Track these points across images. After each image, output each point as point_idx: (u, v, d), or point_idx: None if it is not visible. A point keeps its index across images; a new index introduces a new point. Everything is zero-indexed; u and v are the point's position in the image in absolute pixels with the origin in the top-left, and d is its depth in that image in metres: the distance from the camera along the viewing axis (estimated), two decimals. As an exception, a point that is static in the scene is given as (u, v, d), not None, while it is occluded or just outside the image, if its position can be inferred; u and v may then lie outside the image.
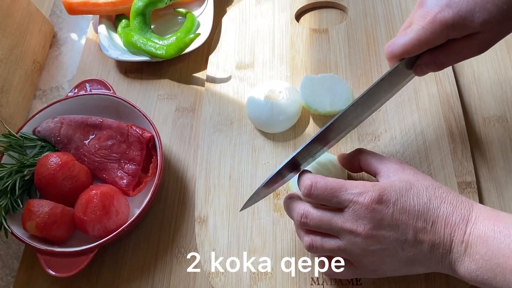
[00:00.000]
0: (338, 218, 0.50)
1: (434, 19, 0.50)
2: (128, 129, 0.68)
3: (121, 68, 0.83)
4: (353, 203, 0.49)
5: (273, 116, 0.67)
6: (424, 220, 0.48)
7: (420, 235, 0.48)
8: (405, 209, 0.49)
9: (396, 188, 0.50)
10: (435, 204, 0.49)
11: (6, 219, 0.63)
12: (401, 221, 0.48)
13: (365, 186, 0.50)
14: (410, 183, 0.50)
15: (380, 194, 0.49)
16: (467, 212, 0.48)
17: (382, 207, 0.49)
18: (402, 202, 0.49)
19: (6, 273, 0.69)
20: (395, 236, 0.48)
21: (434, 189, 0.50)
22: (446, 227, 0.48)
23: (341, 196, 0.50)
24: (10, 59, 0.78)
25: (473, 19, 0.49)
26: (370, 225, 0.49)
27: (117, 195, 0.64)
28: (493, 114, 0.68)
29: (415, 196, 0.49)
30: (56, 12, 0.94)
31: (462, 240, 0.47)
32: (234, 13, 0.83)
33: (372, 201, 0.49)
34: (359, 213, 0.49)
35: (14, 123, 0.76)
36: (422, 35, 0.51)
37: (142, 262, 0.65)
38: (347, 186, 0.50)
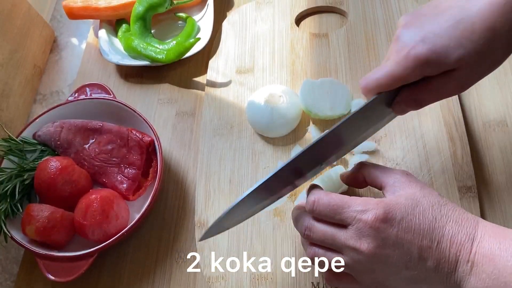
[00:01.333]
0: (342, 234, 0.49)
1: (408, 54, 0.49)
2: (128, 133, 0.68)
3: (121, 73, 0.83)
4: (356, 220, 0.48)
5: (273, 121, 0.67)
6: (430, 239, 0.47)
7: (425, 254, 0.47)
8: (410, 228, 0.47)
9: (402, 206, 0.48)
10: (441, 223, 0.47)
11: (5, 224, 0.63)
12: (406, 240, 0.47)
13: (369, 204, 0.48)
14: (416, 200, 0.49)
15: (385, 213, 0.47)
16: (473, 230, 0.47)
17: (386, 226, 0.47)
18: (407, 221, 0.47)
19: (6, 277, 0.68)
20: (400, 255, 0.47)
21: (440, 207, 0.49)
22: (451, 246, 0.46)
23: (344, 213, 0.49)
24: (10, 64, 0.78)
25: (447, 55, 0.47)
26: (374, 244, 0.47)
27: (117, 199, 0.64)
28: (493, 119, 0.68)
29: (421, 214, 0.48)
30: (57, 17, 0.95)
31: (468, 259, 0.45)
32: (234, 18, 0.83)
33: (376, 220, 0.47)
34: (362, 231, 0.48)
35: (14, 127, 0.76)
36: (396, 70, 0.50)
37: (142, 267, 0.65)
38: (350, 203, 0.49)
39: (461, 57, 0.47)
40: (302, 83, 0.70)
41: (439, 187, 0.63)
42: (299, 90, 0.70)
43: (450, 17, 0.48)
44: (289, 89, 0.71)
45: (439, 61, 0.48)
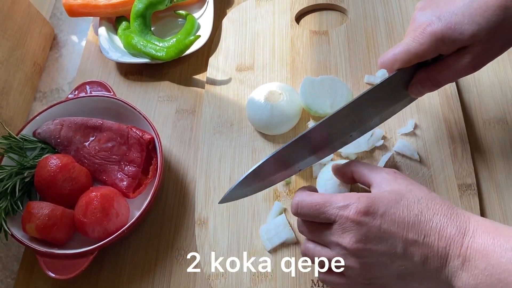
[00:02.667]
0: (327, 230, 0.50)
1: (424, 31, 0.51)
2: (128, 131, 0.68)
3: (121, 70, 0.83)
4: (339, 217, 0.48)
5: (273, 118, 0.67)
6: (415, 232, 0.47)
7: (411, 248, 0.47)
8: (394, 221, 0.47)
9: (385, 200, 0.48)
10: (427, 217, 0.47)
11: (6, 221, 0.63)
12: (389, 233, 0.47)
13: (351, 198, 0.49)
14: (401, 194, 0.49)
15: (366, 206, 0.48)
16: (464, 224, 0.46)
17: (368, 219, 0.47)
18: (390, 214, 0.47)
19: (6, 275, 0.69)
20: (384, 249, 0.47)
21: (427, 201, 0.48)
22: (440, 240, 0.46)
23: (326, 211, 0.49)
24: (10, 61, 0.78)
25: (462, 31, 0.49)
26: (356, 238, 0.47)
27: (117, 197, 0.64)
28: (493, 116, 0.68)
29: (405, 208, 0.48)
30: (57, 14, 0.94)
31: (459, 253, 0.45)
32: (234, 15, 0.83)
33: (357, 213, 0.48)
34: (344, 226, 0.48)
35: (14, 125, 0.76)
36: (412, 47, 0.52)
37: (142, 264, 0.65)
38: (331, 201, 0.50)
39: (475, 33, 0.49)
40: (302, 80, 0.70)
41: (439, 184, 0.63)
42: (299, 87, 0.70)
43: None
44: (289, 87, 0.71)
45: (453, 37, 0.50)
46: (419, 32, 0.51)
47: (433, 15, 0.51)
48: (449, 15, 0.50)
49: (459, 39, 0.50)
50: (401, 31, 0.76)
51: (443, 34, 0.50)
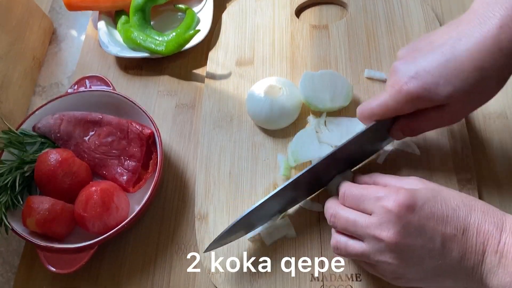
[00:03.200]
0: (363, 221, 0.49)
1: (401, 89, 0.52)
2: (128, 125, 0.68)
3: (120, 65, 0.82)
4: (377, 207, 0.48)
5: (273, 113, 0.67)
6: (454, 227, 0.46)
7: (449, 243, 0.46)
8: (433, 215, 0.47)
9: (422, 194, 0.48)
10: (465, 211, 0.47)
11: (6, 216, 0.63)
12: (428, 227, 0.46)
13: (390, 190, 0.49)
14: (436, 191, 0.49)
15: (406, 198, 0.47)
16: (500, 221, 0.46)
17: (407, 212, 0.47)
18: (429, 207, 0.47)
19: (7, 269, 0.69)
20: (422, 243, 0.46)
21: (462, 197, 0.48)
22: (478, 235, 0.45)
23: (366, 200, 0.50)
24: (9, 55, 0.78)
25: (437, 92, 0.50)
26: (394, 230, 0.47)
27: (117, 191, 0.64)
28: (493, 111, 0.68)
29: (443, 202, 0.48)
30: (56, 8, 0.94)
31: (497, 249, 0.44)
32: (234, 9, 0.83)
33: (397, 205, 0.47)
34: (382, 218, 0.48)
35: (13, 120, 0.76)
36: (389, 102, 0.54)
37: (142, 259, 0.65)
38: (372, 191, 0.50)
39: (450, 94, 0.49)
40: (302, 75, 0.70)
41: (439, 179, 0.63)
42: (299, 82, 0.70)
43: (442, 55, 0.50)
44: (288, 81, 0.71)
45: (429, 97, 0.50)
46: (395, 90, 0.52)
47: (411, 71, 0.51)
48: (425, 74, 0.50)
49: (435, 99, 0.50)
50: (401, 26, 0.75)
51: (419, 94, 0.51)
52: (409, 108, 0.53)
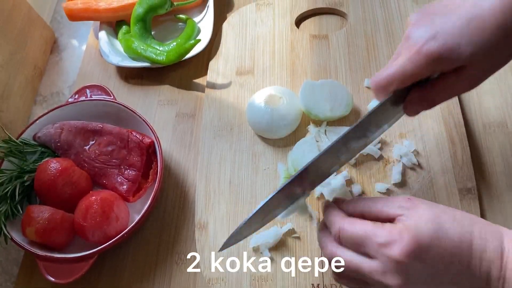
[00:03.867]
0: (367, 266, 0.47)
1: (420, 50, 0.48)
2: (128, 134, 0.68)
3: (121, 74, 0.83)
4: (381, 255, 0.45)
5: (273, 122, 0.67)
6: (459, 262, 0.44)
7: (456, 279, 0.44)
8: (440, 256, 0.44)
9: (425, 233, 0.45)
10: (467, 242, 0.44)
11: (5, 225, 0.63)
12: (435, 273, 0.44)
13: (392, 234, 0.45)
14: (436, 222, 0.45)
15: (410, 245, 0.44)
16: (499, 242, 0.44)
17: (413, 262, 0.44)
18: (434, 250, 0.44)
19: (6, 279, 0.68)
20: (429, 286, 0.45)
21: (460, 224, 0.45)
22: (481, 266, 0.44)
23: (367, 246, 0.46)
24: (10, 65, 0.78)
25: (459, 52, 0.47)
26: (401, 279, 0.45)
27: (117, 201, 0.64)
28: (493, 120, 0.68)
29: (446, 238, 0.44)
30: (57, 18, 0.95)
31: (499, 276, 0.43)
32: (234, 19, 0.83)
33: (402, 255, 0.44)
34: (387, 266, 0.45)
35: (14, 129, 0.76)
36: (408, 67, 0.49)
37: (142, 268, 0.65)
38: (373, 235, 0.46)
39: (472, 53, 0.47)
40: (302, 84, 0.70)
41: (439, 188, 0.63)
42: (299, 91, 0.70)
43: (462, 14, 0.48)
44: (288, 90, 0.71)
45: (450, 58, 0.48)
46: (414, 52, 0.49)
47: (428, 33, 0.48)
48: (445, 35, 0.48)
49: (456, 60, 0.48)
50: (401, 35, 0.76)
51: (440, 55, 0.48)
52: (428, 72, 0.49)
